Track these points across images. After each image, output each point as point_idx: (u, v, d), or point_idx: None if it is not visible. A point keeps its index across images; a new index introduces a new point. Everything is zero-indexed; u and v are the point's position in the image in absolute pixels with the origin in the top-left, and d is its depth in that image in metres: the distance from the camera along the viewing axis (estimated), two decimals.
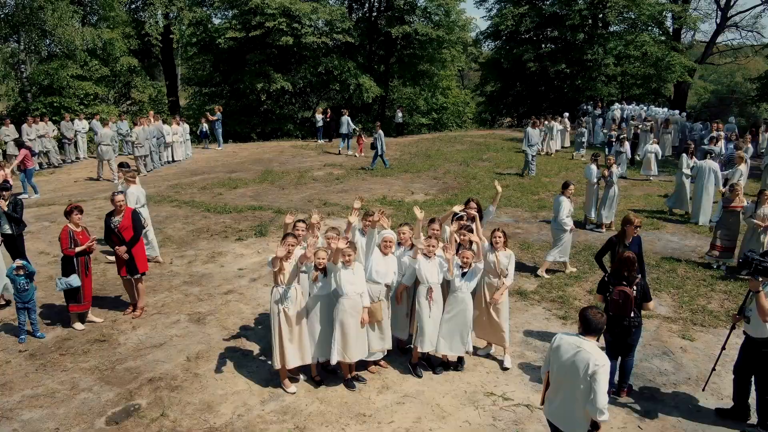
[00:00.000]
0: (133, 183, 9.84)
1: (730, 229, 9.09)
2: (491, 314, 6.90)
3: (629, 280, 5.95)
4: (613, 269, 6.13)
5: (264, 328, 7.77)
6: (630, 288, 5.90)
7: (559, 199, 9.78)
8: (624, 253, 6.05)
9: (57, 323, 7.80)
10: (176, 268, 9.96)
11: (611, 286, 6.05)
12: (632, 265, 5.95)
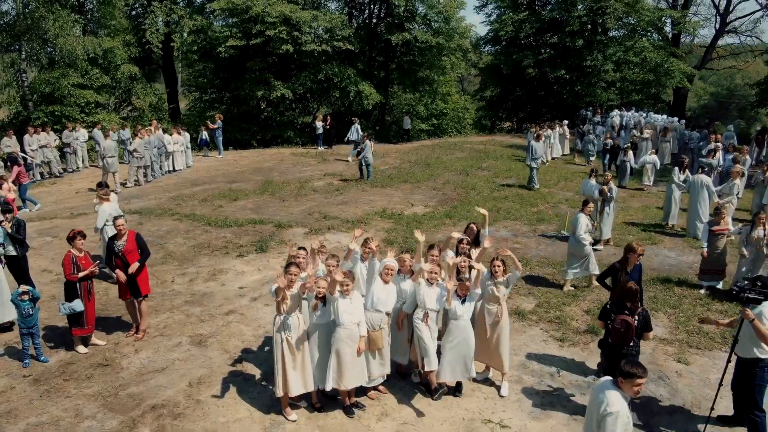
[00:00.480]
0: (107, 201, 10.01)
1: (716, 251, 9.16)
2: (492, 339, 7.00)
3: (631, 310, 6.04)
4: (616, 298, 6.20)
5: (265, 351, 7.87)
6: (632, 318, 5.99)
7: (577, 216, 10.09)
8: (628, 284, 6.13)
9: (60, 346, 7.90)
10: (178, 287, 10.06)
11: (613, 314, 6.14)
12: (635, 297, 6.05)
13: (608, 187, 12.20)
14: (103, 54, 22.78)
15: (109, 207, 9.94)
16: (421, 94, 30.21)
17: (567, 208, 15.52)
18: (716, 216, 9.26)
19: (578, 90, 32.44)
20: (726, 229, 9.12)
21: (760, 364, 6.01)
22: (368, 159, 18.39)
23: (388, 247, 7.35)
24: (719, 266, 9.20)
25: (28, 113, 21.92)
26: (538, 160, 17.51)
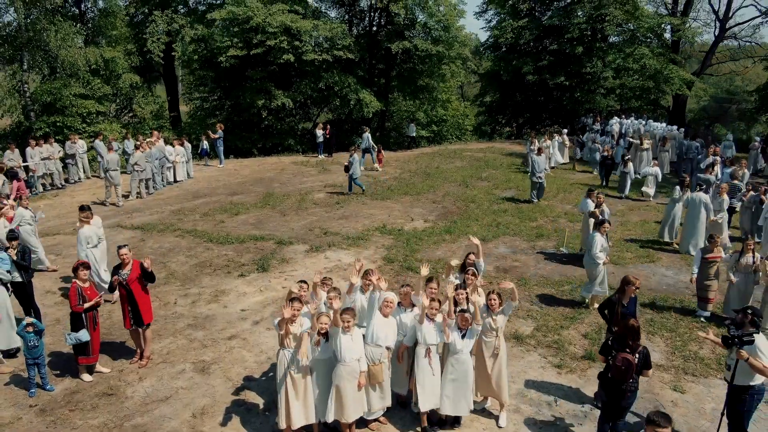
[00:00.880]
0: (87, 224, 10.16)
1: (710, 279, 9.27)
2: (491, 371, 7.11)
3: (633, 348, 6.14)
4: (619, 335, 6.30)
5: (267, 379, 7.99)
6: (633, 356, 6.10)
7: (593, 234, 10.30)
8: (630, 322, 6.24)
9: (66, 374, 8.01)
10: (180, 309, 10.18)
11: (615, 350, 6.25)
12: (637, 334, 6.16)
13: (600, 210, 12.15)
14: (105, 64, 22.86)
15: (89, 230, 10.08)
16: (421, 101, 30.28)
17: (566, 223, 15.65)
18: (710, 243, 9.36)
19: (578, 96, 32.54)
20: (719, 257, 9.22)
21: (750, 391, 6.23)
22: (355, 173, 18.29)
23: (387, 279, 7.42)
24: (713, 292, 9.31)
25: (30, 123, 22.01)
26: (541, 174, 17.43)
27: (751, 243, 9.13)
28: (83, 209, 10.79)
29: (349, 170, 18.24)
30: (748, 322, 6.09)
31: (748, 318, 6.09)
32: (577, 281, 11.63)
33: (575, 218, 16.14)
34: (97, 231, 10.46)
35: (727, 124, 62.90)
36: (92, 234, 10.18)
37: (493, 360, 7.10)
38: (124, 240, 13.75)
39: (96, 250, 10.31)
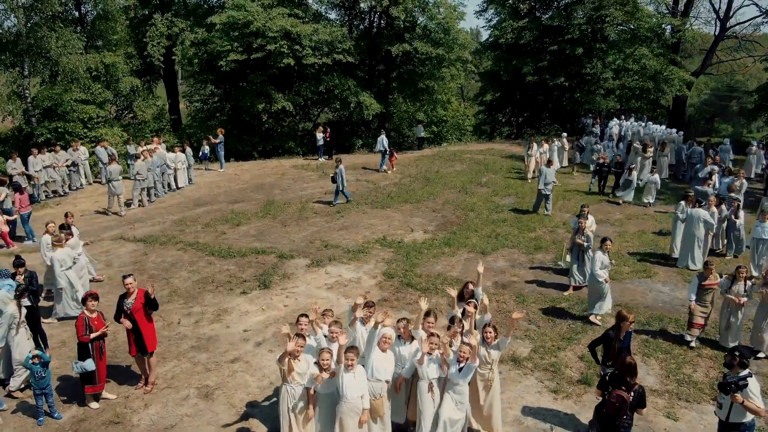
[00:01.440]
0: (60, 247, 10.30)
1: (706, 306, 9.42)
2: (485, 402, 7.29)
3: (629, 386, 6.31)
4: (617, 372, 6.45)
5: (270, 405, 8.17)
6: (628, 393, 6.27)
7: (595, 252, 10.58)
8: (627, 359, 6.41)
9: (73, 400, 8.19)
10: (184, 329, 10.35)
11: (611, 386, 6.42)
12: (635, 372, 6.32)
13: (585, 237, 11.77)
14: (105, 69, 22.91)
15: (62, 254, 10.19)
16: (422, 103, 30.35)
17: (565, 234, 15.77)
18: (705, 270, 9.51)
19: (578, 97, 32.58)
20: (715, 284, 9.37)
21: (741, 427, 6.43)
22: (343, 183, 18.20)
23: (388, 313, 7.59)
24: (706, 318, 9.47)
25: (31, 129, 22.10)
26: (549, 185, 17.20)
27: (743, 271, 9.27)
28: (63, 228, 10.94)
29: (335, 181, 18.17)
30: (737, 364, 6.27)
31: (736, 360, 6.27)
32: (574, 298, 11.81)
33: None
34: (71, 252, 10.57)
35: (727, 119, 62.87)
36: (65, 257, 10.30)
37: (485, 392, 7.28)
38: (127, 253, 13.97)
39: (70, 271, 10.39)
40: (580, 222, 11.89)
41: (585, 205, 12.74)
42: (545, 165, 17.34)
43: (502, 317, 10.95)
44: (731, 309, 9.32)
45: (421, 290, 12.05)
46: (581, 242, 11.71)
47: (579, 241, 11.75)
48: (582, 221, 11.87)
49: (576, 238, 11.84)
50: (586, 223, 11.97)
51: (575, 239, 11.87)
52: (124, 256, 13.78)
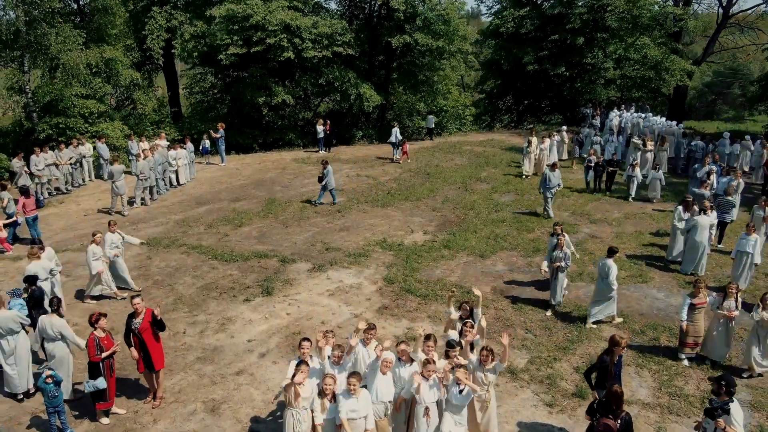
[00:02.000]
0: (36, 259, 10.46)
1: (696, 324, 9.64)
2: (481, 422, 7.56)
3: (615, 414, 6.56)
4: (605, 401, 6.70)
5: (274, 419, 8.45)
6: (615, 421, 6.52)
7: (607, 263, 10.84)
8: (614, 388, 6.65)
9: (84, 415, 8.47)
10: (189, 339, 10.61)
11: (599, 414, 6.68)
12: (620, 401, 6.57)
13: (563, 254, 11.42)
14: (105, 64, 22.88)
15: (36, 266, 10.31)
16: (422, 94, 30.35)
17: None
18: (695, 288, 9.71)
19: (578, 87, 32.54)
20: (705, 302, 9.58)
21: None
22: (331, 183, 18.13)
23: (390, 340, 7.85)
24: (698, 338, 9.70)
25: (32, 124, 22.14)
26: (553, 189, 16.99)
27: (733, 287, 9.48)
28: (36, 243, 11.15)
29: (322, 181, 18.06)
30: (724, 393, 6.52)
31: (723, 389, 6.53)
32: (571, 305, 12.04)
33: (572, 229, 16.47)
34: (46, 265, 10.59)
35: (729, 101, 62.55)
36: (39, 269, 10.33)
37: (482, 412, 7.55)
38: (132, 257, 14.18)
39: (46, 283, 10.46)
40: (559, 239, 11.54)
41: (558, 224, 12.04)
42: (549, 168, 17.02)
43: (500, 325, 11.23)
44: (722, 323, 9.54)
45: (421, 296, 12.29)
46: (559, 264, 11.40)
47: (557, 264, 11.40)
48: (561, 239, 11.54)
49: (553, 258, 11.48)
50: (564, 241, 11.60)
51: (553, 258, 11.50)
52: (129, 260, 13.95)
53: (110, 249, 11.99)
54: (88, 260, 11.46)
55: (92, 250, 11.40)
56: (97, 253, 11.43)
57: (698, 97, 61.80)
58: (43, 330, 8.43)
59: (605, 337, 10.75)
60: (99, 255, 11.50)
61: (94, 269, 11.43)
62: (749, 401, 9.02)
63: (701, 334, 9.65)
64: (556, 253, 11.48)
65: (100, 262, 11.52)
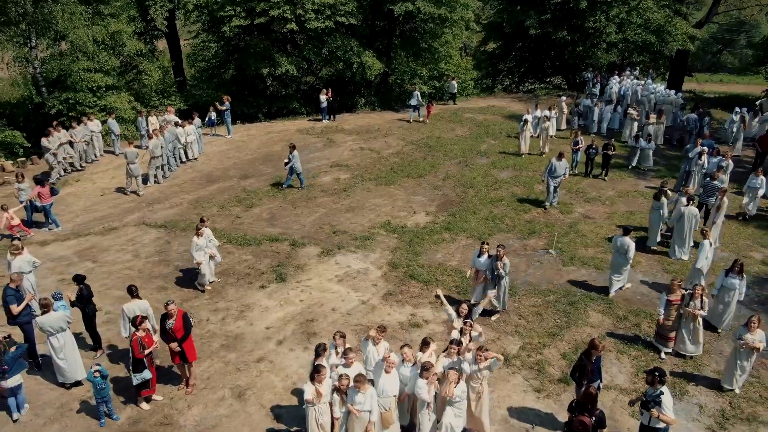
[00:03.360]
0: (19, 254, 11.40)
1: (670, 319, 10.62)
2: (475, 410, 8.67)
3: (591, 412, 7.62)
4: (580, 401, 7.75)
5: (294, 406, 9.55)
6: (590, 418, 7.59)
7: (625, 241, 12.28)
8: (589, 389, 7.69)
9: (127, 401, 9.57)
10: (212, 327, 11.66)
11: (576, 412, 7.74)
12: (594, 402, 7.61)
13: (502, 263, 11.40)
14: (110, 36, 23.10)
15: (20, 261, 11.27)
16: (424, 61, 30.54)
17: (558, 215, 16.84)
18: (671, 286, 10.65)
19: (580, 51, 32.59)
20: (680, 300, 10.53)
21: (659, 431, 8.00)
22: (297, 168, 18.38)
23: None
24: (673, 333, 10.71)
25: (42, 99, 22.60)
26: (558, 179, 17.01)
27: (699, 288, 10.40)
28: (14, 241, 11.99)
29: (288, 165, 18.39)
30: (657, 382, 7.66)
31: (656, 378, 7.67)
32: (561, 291, 13.04)
33: (566, 209, 17.33)
34: (29, 259, 11.55)
35: (735, 51, 61.91)
36: (23, 263, 11.32)
37: (476, 402, 8.63)
38: (151, 242, 15.11)
39: (30, 276, 11.45)
40: (498, 251, 11.48)
41: (501, 245, 11.67)
42: (556, 158, 16.92)
43: None
44: (688, 320, 10.53)
45: (423, 282, 13.27)
46: (500, 271, 11.45)
47: (499, 271, 11.45)
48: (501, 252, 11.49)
49: (495, 267, 11.48)
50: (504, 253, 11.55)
51: (493, 268, 11.52)
52: (149, 245, 14.92)
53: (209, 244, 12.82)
54: (192, 251, 12.43)
55: (195, 242, 12.33)
56: (200, 245, 12.34)
57: (704, 47, 61.15)
58: (132, 311, 9.68)
59: (592, 323, 11.93)
60: (202, 247, 12.39)
61: (197, 258, 12.38)
62: (713, 384, 10.14)
63: (674, 330, 10.65)
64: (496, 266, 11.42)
65: (201, 253, 12.40)
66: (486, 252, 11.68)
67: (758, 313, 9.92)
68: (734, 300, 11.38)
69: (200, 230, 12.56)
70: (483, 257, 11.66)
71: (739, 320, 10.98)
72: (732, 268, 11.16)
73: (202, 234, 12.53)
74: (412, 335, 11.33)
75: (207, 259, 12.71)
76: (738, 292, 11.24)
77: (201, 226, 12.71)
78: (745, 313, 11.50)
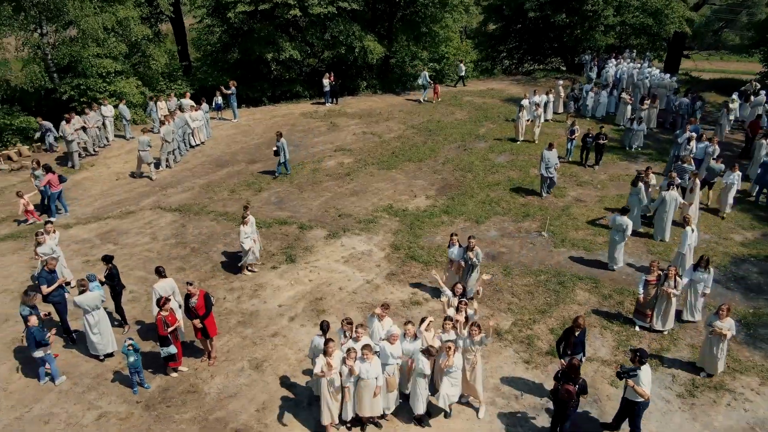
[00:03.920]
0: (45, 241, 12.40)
1: (647, 297, 11.60)
2: (470, 378, 9.70)
3: (574, 381, 8.64)
4: (565, 371, 8.75)
5: (307, 375, 10.56)
6: (574, 386, 8.60)
7: (624, 220, 13.53)
8: (573, 360, 8.69)
9: (156, 372, 10.61)
10: (229, 305, 12.66)
11: (562, 381, 8.75)
12: (578, 372, 8.61)
13: (474, 253, 12.22)
14: (119, 23, 23.70)
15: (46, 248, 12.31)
16: (424, 45, 31.13)
17: (552, 199, 17.72)
18: (651, 267, 11.63)
19: (578, 34, 33.09)
20: (656, 280, 11.50)
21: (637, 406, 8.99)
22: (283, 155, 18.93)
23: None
24: (650, 310, 11.70)
25: (54, 85, 23.31)
26: (551, 169, 17.43)
27: (673, 270, 11.36)
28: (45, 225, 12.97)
29: (278, 154, 18.95)
30: (637, 360, 8.63)
31: (637, 357, 8.63)
32: (551, 271, 14.00)
33: (559, 193, 18.22)
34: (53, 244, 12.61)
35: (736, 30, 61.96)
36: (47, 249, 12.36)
37: (470, 371, 9.65)
38: (167, 225, 16.06)
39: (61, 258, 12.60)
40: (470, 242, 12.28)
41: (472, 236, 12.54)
42: (546, 149, 17.38)
43: (491, 291, 13.23)
44: (662, 298, 11.52)
45: (423, 263, 14.23)
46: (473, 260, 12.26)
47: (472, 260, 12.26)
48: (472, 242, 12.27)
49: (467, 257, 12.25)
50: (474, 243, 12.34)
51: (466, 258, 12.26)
52: (166, 228, 15.86)
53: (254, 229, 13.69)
54: (241, 238, 13.29)
55: (243, 230, 13.18)
56: (247, 233, 13.23)
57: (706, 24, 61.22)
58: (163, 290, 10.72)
59: (579, 301, 12.93)
60: (249, 234, 13.27)
61: (245, 245, 13.29)
62: (688, 359, 11.17)
63: (652, 308, 11.65)
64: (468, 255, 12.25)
65: (249, 239, 13.29)
66: (456, 242, 12.48)
67: (728, 303, 10.83)
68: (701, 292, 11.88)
69: (246, 219, 13.30)
70: (454, 247, 12.48)
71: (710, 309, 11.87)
72: (699, 264, 11.76)
73: (247, 222, 13.31)
74: (413, 312, 12.33)
75: (253, 244, 13.48)
76: (704, 285, 11.75)
77: (246, 215, 13.45)
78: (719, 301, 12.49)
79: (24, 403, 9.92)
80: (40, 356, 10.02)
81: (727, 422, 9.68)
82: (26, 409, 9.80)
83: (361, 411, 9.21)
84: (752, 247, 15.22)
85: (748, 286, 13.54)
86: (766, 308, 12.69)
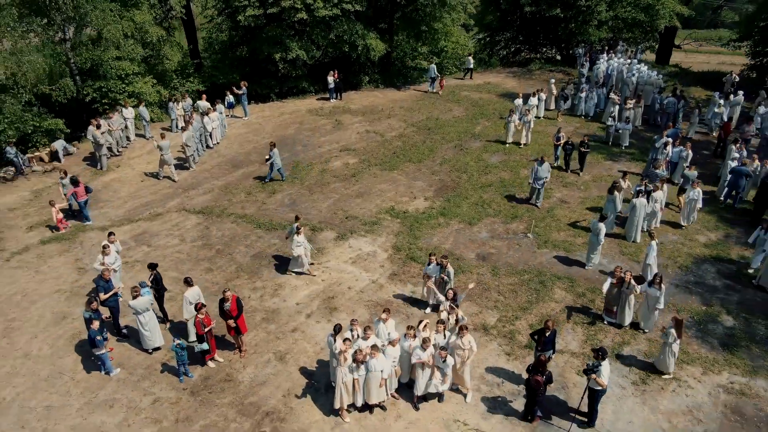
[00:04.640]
0: (108, 254, 14.21)
1: (612, 295, 13.59)
2: (459, 369, 11.73)
3: (542, 372, 10.66)
4: (534, 365, 10.77)
5: (322, 367, 12.57)
6: (541, 377, 10.63)
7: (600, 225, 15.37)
8: (540, 357, 10.70)
9: (197, 363, 12.64)
10: (254, 303, 14.65)
11: (532, 372, 10.78)
12: (544, 365, 10.63)
13: (446, 272, 13.74)
14: (137, 28, 25.15)
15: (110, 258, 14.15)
16: (424, 41, 32.51)
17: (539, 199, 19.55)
18: (614, 271, 13.60)
19: (572, 28, 34.39)
20: (618, 283, 13.47)
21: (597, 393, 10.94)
22: (276, 164, 20.29)
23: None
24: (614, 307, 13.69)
25: (78, 87, 24.89)
26: (541, 181, 18.68)
27: (629, 274, 13.29)
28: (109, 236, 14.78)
29: (269, 161, 20.18)
30: (600, 357, 10.60)
31: (600, 355, 10.60)
32: (534, 271, 15.93)
33: (546, 194, 20.01)
34: (116, 255, 14.50)
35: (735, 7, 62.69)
36: (113, 258, 14.26)
37: (460, 364, 11.66)
38: (193, 227, 17.93)
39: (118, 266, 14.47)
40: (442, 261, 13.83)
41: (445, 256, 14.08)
42: (538, 162, 18.58)
43: (480, 289, 15.18)
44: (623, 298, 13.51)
45: (422, 263, 16.15)
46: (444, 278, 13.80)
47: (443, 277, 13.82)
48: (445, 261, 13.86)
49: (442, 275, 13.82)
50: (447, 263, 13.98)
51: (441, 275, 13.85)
52: (192, 230, 17.75)
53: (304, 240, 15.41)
54: (292, 246, 15.11)
55: (296, 239, 14.98)
56: (299, 242, 15.03)
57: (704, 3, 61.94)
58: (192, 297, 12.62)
59: (556, 299, 14.89)
60: (301, 243, 15.06)
61: (295, 253, 15.13)
62: (644, 351, 13.19)
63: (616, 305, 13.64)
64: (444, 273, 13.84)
65: (301, 248, 15.09)
66: (434, 261, 14.07)
67: (676, 315, 12.91)
68: (654, 306, 13.41)
69: (300, 229, 15.10)
70: (431, 265, 13.96)
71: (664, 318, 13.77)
72: (653, 281, 13.33)
73: (301, 233, 15.14)
74: (412, 310, 14.32)
75: (303, 252, 15.23)
76: (658, 300, 13.24)
77: (300, 226, 15.22)
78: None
79: (91, 390, 11.98)
80: (100, 353, 12.03)
81: (670, 406, 11.75)
82: (93, 395, 11.87)
83: (369, 398, 11.25)
84: (713, 249, 17.14)
85: (705, 286, 15.50)
86: (717, 306, 14.69)
